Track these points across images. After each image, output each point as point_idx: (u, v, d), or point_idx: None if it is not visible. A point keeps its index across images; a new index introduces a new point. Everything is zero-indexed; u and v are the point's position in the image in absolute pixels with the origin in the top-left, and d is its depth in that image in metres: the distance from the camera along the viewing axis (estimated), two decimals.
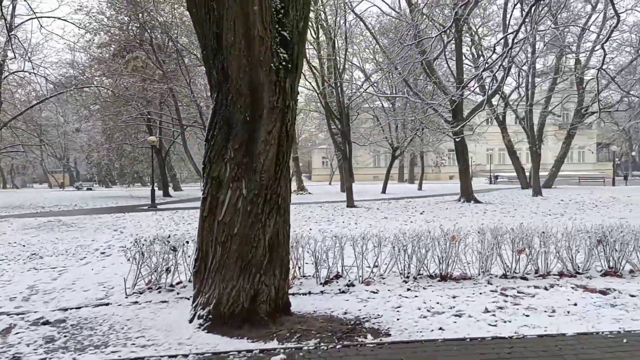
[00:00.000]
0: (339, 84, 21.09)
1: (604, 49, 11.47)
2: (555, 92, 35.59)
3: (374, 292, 6.48)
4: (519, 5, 26.91)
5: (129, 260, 6.84)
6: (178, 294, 6.57)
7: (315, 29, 21.06)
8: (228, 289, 5.09)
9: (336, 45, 20.60)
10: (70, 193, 44.60)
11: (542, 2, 27.55)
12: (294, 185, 39.94)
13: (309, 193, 35.33)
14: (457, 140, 22.93)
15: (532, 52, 27.92)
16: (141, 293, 6.63)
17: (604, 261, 7.28)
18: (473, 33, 30.32)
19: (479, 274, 7.12)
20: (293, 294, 6.52)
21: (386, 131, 33.37)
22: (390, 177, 58.80)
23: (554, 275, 7.14)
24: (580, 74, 32.16)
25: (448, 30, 22.76)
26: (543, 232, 7.20)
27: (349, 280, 6.88)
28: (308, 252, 7.11)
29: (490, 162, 57.78)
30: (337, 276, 7.10)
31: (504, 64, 23.70)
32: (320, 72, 21.22)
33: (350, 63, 30.55)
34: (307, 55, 22.00)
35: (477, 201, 23.52)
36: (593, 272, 7.26)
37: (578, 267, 7.32)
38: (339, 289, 6.65)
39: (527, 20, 24.68)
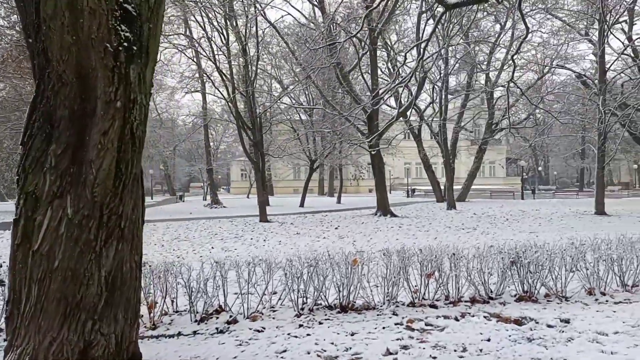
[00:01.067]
0: (250, 93, 19.95)
1: (514, 61, 11.25)
2: (467, 109, 36.59)
3: (258, 331, 5.36)
4: (431, 22, 27.28)
5: None
6: None
7: (225, 32, 19.82)
8: (46, 341, 3.77)
9: (247, 52, 19.46)
10: None
11: (453, 21, 28.16)
12: (208, 199, 38.13)
13: (224, 206, 33.71)
14: (373, 153, 22.49)
15: (444, 68, 28.34)
16: None
17: (519, 284, 6.63)
18: (389, 48, 30.42)
19: (384, 303, 6.20)
20: (157, 337, 5.25)
21: (304, 143, 32.58)
22: (311, 190, 58.32)
23: (466, 301, 6.38)
24: (491, 89, 33.22)
25: (363, 43, 22.39)
26: (454, 254, 6.44)
27: (231, 316, 5.71)
28: (181, 283, 5.86)
29: (408, 175, 58.79)
30: (219, 311, 5.90)
31: (416, 76, 23.68)
32: (231, 80, 19.96)
33: (266, 73, 29.65)
34: (218, 61, 20.72)
35: (393, 215, 23.18)
36: (507, 296, 6.59)
37: (491, 291, 6.62)
38: (217, 328, 5.46)
39: (438, 30, 24.95)
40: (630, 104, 21.61)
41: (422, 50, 12.39)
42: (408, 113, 38.27)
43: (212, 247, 13.55)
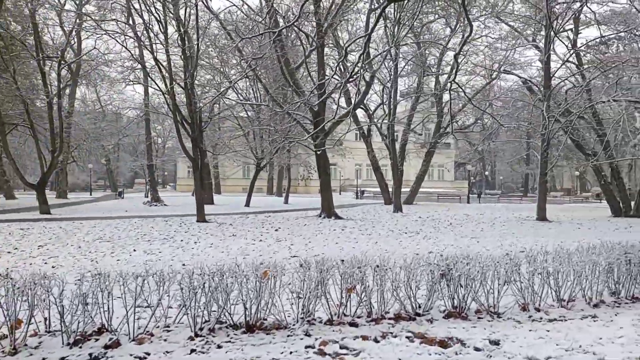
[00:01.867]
0: (189, 85, 18.85)
1: (457, 61, 10.82)
2: (417, 111, 36.59)
3: (140, 358, 4.49)
4: (383, 23, 26.95)
5: None
6: None
7: (163, 20, 18.63)
8: None
9: (186, 41, 18.36)
10: None
11: (405, 22, 27.92)
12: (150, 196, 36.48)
13: (165, 205, 32.21)
14: (318, 153, 21.81)
15: (394, 70, 28.07)
16: None
17: (449, 299, 6.04)
18: (341, 47, 29.90)
19: (298, 321, 5.45)
20: None
21: (250, 141, 31.57)
22: (260, 189, 57.34)
23: (390, 318, 5.73)
24: (440, 93, 33.28)
25: (311, 39, 21.69)
26: (377, 266, 5.77)
27: (111, 339, 4.81)
28: (60, 297, 4.90)
29: (359, 177, 58.67)
30: (101, 331, 4.99)
31: (364, 76, 23.18)
32: (169, 70, 18.79)
33: (214, 67, 28.46)
34: (155, 50, 19.50)
35: (338, 217, 22.58)
36: (436, 312, 5.99)
37: (419, 306, 6.00)
38: (90, 354, 4.55)
39: (388, 29, 24.54)
40: (573, 110, 21.87)
41: (365, 45, 11.77)
42: (360, 114, 38.04)
43: (135, 250, 12.46)
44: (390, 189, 35.25)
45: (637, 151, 24.13)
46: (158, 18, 18.92)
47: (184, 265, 10.25)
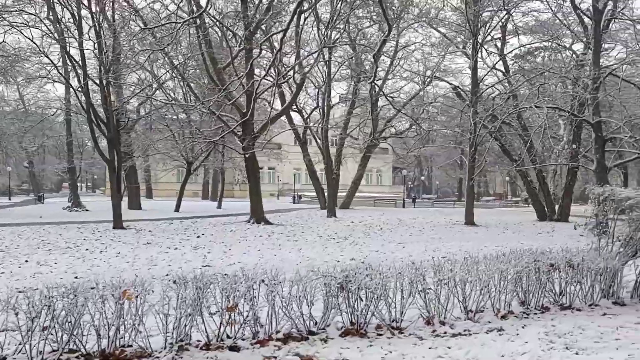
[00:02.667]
0: (104, 82, 17.58)
1: (376, 61, 10.46)
2: (353, 116, 36.49)
3: None
4: (318, 27, 26.58)
5: None
6: None
7: (77, 13, 17.29)
8: None
9: (101, 35, 17.11)
10: None
11: (337, 27, 27.66)
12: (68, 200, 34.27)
13: (86, 210, 30.30)
14: (247, 156, 21.03)
15: (327, 73, 27.75)
16: None
17: (347, 314, 5.47)
18: (275, 50, 29.23)
19: (166, 347, 4.70)
20: None
21: (180, 143, 30.26)
22: (196, 193, 55.61)
23: (279, 339, 5.08)
24: (375, 98, 33.30)
25: (240, 41, 20.95)
26: (263, 281, 5.12)
27: None
28: None
29: (298, 181, 58.11)
30: None
31: (295, 78, 22.64)
32: (82, 66, 17.44)
33: (140, 66, 27.04)
34: (68, 44, 18.10)
35: (268, 222, 21.84)
36: (333, 330, 5.41)
37: (316, 323, 5.40)
38: None
39: (321, 32, 24.03)
40: (499, 117, 22.23)
41: (296, 45, 11.16)
42: (297, 118, 37.47)
43: (27, 261, 11.20)
44: (326, 193, 34.91)
45: (561, 157, 24.91)
46: (71, 10, 17.56)
47: (76, 277, 9.21)
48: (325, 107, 27.41)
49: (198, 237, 17.09)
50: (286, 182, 59.68)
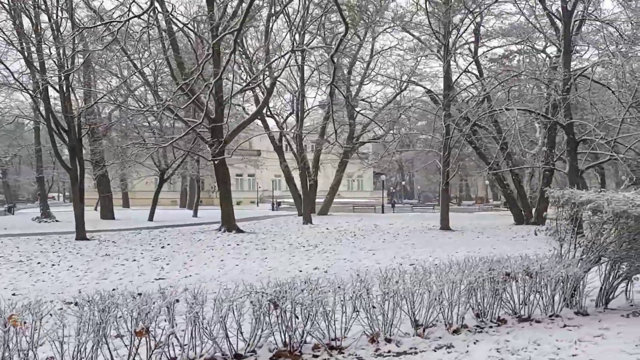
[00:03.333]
0: (65, 87, 16.92)
1: (333, 62, 10.02)
2: (330, 122, 36.03)
3: None
4: (290, 30, 26.11)
5: None
6: None
7: (34, 16, 16.60)
8: None
9: (60, 37, 16.46)
10: None
11: (312, 31, 27.32)
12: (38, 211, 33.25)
13: (56, 221, 29.41)
14: (216, 163, 20.45)
15: (301, 79, 27.32)
16: None
17: (282, 334, 4.96)
18: (249, 53, 28.78)
19: None
20: None
21: (150, 151, 29.52)
22: (174, 202, 54.65)
23: None
24: (352, 103, 32.92)
25: (207, 45, 20.47)
26: (177, 300, 4.59)
27: None
28: None
29: (278, 188, 57.46)
30: None
31: (265, 83, 22.15)
32: (41, 70, 16.75)
33: (109, 71, 26.34)
34: (24, 46, 17.37)
35: (239, 230, 21.24)
36: (264, 351, 4.91)
37: (249, 344, 4.88)
38: None
39: (293, 37, 23.50)
40: (472, 119, 21.97)
41: (266, 47, 10.64)
42: (272, 123, 36.92)
43: None
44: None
45: (536, 161, 24.73)
46: (28, 13, 16.91)
47: (14, 294, 8.60)
48: (299, 113, 26.90)
49: (162, 247, 16.46)
50: (266, 189, 59.01)
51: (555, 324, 6.06)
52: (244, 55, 27.54)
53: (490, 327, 5.84)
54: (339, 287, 5.17)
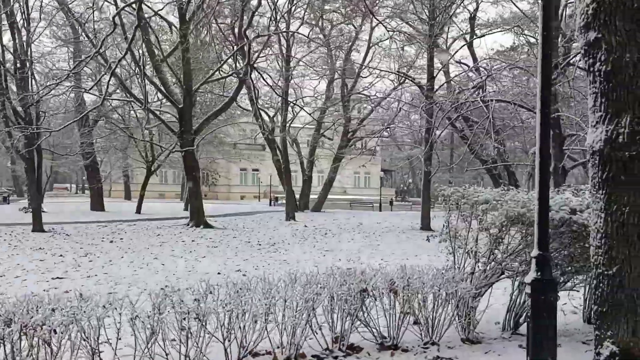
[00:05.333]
0: (23, 74, 16.23)
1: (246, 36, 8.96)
2: (327, 115, 34.96)
3: None
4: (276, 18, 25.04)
5: None
6: None
7: None
8: None
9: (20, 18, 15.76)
10: None
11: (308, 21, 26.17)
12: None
13: (43, 211, 28.92)
14: (184, 154, 19.58)
15: (286, 69, 26.29)
16: None
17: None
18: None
19: None
20: None
21: (139, 143, 28.98)
22: (177, 195, 54.13)
23: None
24: (347, 97, 31.88)
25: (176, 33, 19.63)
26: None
27: None
28: None
29: (279, 183, 56.58)
30: None
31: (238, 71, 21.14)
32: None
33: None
34: None
35: (208, 226, 20.28)
36: None
37: None
38: None
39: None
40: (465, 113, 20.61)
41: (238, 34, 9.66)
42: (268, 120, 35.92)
43: None
44: (297, 196, 33.35)
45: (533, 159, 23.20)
46: None
47: None
48: (283, 104, 25.91)
49: (111, 241, 15.64)
50: (269, 185, 58.24)
51: (428, 354, 4.91)
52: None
53: (336, 357, 4.71)
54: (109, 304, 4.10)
